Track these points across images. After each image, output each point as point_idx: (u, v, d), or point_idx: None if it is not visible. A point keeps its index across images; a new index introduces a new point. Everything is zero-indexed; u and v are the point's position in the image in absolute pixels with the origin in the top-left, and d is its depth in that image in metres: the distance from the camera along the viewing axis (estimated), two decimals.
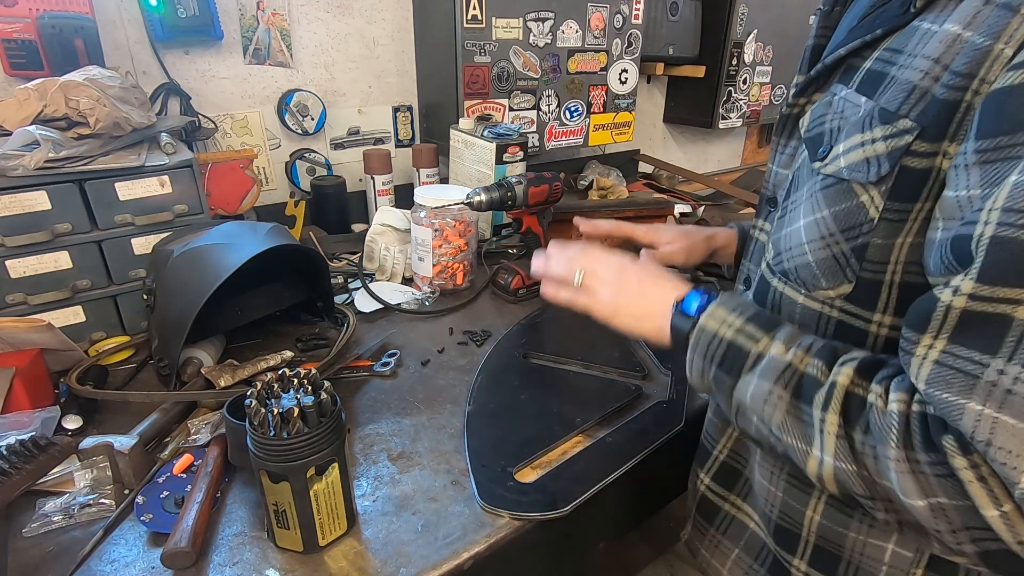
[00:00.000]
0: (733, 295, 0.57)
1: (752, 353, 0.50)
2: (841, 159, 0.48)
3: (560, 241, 0.72)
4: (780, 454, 0.50)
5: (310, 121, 1.39)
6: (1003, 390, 0.37)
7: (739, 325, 0.52)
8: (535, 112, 1.54)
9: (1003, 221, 0.37)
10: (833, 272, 0.50)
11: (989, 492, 0.38)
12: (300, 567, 0.58)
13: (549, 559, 0.71)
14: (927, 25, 0.45)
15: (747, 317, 0.53)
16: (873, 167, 0.46)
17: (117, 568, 0.58)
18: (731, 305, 0.54)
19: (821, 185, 0.50)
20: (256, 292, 0.98)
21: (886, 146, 0.45)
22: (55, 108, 0.86)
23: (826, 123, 0.52)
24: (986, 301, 0.37)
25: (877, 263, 0.48)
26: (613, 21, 1.56)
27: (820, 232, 0.50)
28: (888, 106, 0.45)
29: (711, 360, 0.53)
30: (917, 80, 0.44)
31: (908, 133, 0.44)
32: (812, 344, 0.49)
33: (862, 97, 0.49)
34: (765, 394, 0.49)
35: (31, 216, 0.82)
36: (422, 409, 0.82)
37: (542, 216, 1.15)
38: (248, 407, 0.55)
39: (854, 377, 0.45)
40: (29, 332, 0.77)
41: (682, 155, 2.35)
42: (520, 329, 1.03)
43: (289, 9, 1.30)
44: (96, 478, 0.65)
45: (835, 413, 0.45)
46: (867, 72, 0.49)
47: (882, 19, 0.49)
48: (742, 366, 0.51)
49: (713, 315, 0.54)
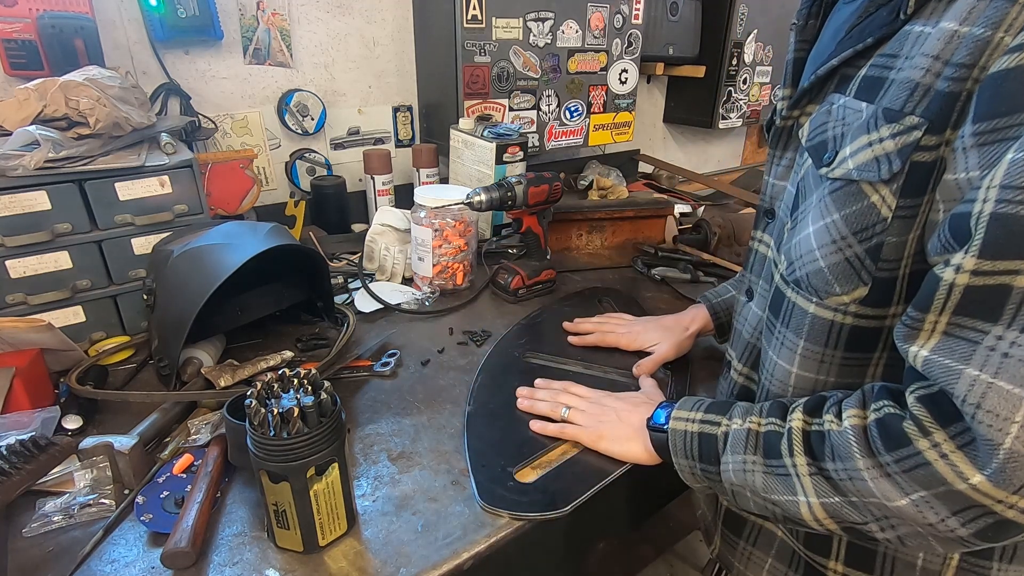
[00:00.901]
0: (689, 397, 0.64)
1: (719, 436, 0.57)
2: (849, 161, 0.48)
3: (544, 380, 0.84)
4: (782, 517, 0.53)
5: (310, 121, 1.39)
6: (1000, 354, 0.38)
7: (700, 417, 0.59)
8: (535, 112, 1.54)
9: (1001, 198, 0.37)
10: (847, 276, 0.50)
11: (953, 468, 0.40)
12: (300, 567, 0.58)
13: (549, 559, 0.71)
14: (919, 28, 0.45)
15: (704, 409, 0.60)
16: (884, 165, 0.46)
17: (117, 568, 0.58)
18: (689, 404, 0.62)
19: (829, 189, 0.50)
20: (256, 292, 0.98)
21: (895, 143, 0.45)
22: (55, 108, 0.86)
23: (828, 130, 0.52)
24: (987, 275, 0.38)
25: (892, 260, 0.48)
26: (613, 21, 1.56)
27: (831, 236, 0.50)
28: (892, 105, 0.45)
29: (692, 457, 0.59)
30: (919, 78, 0.44)
31: (916, 129, 0.44)
32: (763, 408, 0.55)
33: (862, 103, 0.49)
34: (741, 464, 0.54)
35: (31, 216, 0.82)
36: (422, 409, 0.82)
37: (542, 216, 1.15)
38: (248, 407, 0.55)
39: (805, 417, 0.50)
40: (29, 332, 0.77)
41: (682, 155, 2.35)
42: (520, 329, 1.03)
43: (289, 9, 1.30)
44: (96, 478, 0.65)
45: (801, 455, 0.49)
46: (864, 79, 0.49)
47: (871, 27, 0.49)
48: (717, 451, 0.57)
49: (677, 418, 0.62)
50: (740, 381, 0.68)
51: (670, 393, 0.87)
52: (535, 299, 1.16)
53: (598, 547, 0.79)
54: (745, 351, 0.67)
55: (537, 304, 1.13)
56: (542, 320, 1.07)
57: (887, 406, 0.45)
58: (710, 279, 1.24)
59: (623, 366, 0.92)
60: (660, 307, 1.14)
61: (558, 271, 1.22)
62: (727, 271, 1.29)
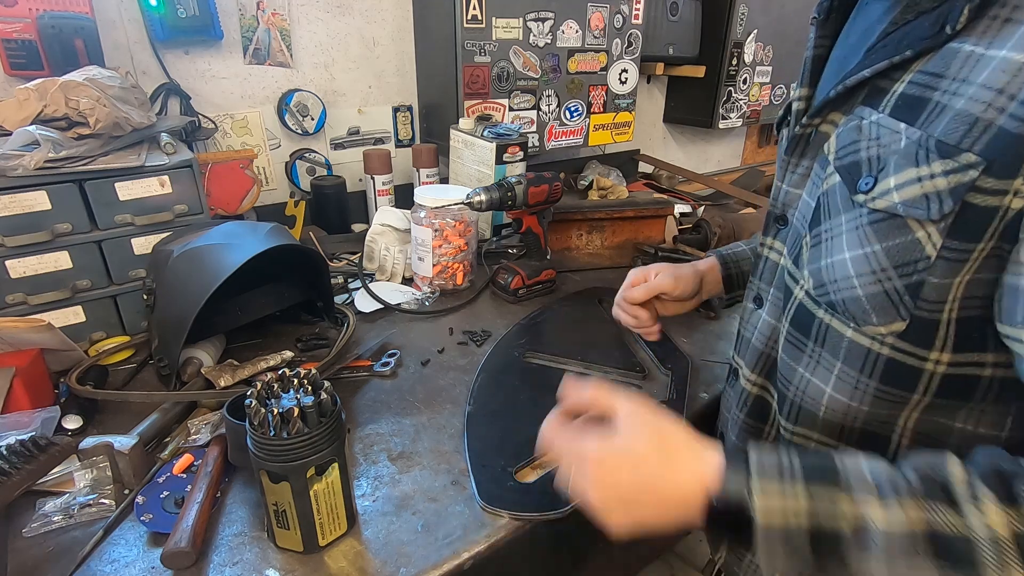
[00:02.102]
0: (762, 452, 0.44)
1: (844, 534, 0.40)
2: (894, 194, 0.45)
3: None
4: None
5: (310, 121, 1.39)
6: None
7: (805, 505, 0.41)
8: (535, 112, 1.54)
9: None
10: (885, 308, 0.47)
11: None
12: (300, 567, 0.58)
13: (549, 559, 0.71)
14: (970, 48, 0.42)
15: (805, 487, 0.42)
16: (934, 204, 0.43)
17: (117, 568, 0.58)
18: (774, 477, 0.42)
19: (869, 219, 0.47)
20: (256, 292, 0.98)
21: (947, 182, 0.42)
22: (55, 108, 0.86)
23: (861, 151, 0.48)
24: None
25: (934, 302, 0.45)
26: (613, 21, 1.56)
27: (871, 267, 0.47)
28: (947, 139, 0.42)
29: (798, 557, 0.42)
30: (979, 112, 0.40)
31: (973, 168, 0.40)
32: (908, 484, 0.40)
33: (900, 123, 0.45)
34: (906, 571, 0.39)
35: (31, 216, 0.82)
36: (422, 409, 0.82)
37: (542, 216, 1.15)
38: (248, 407, 0.55)
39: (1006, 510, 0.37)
40: (29, 332, 0.77)
41: (682, 155, 2.35)
42: (520, 329, 1.03)
43: (289, 9, 1.30)
44: (96, 478, 0.65)
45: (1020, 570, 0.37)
46: (902, 96, 0.46)
47: (911, 39, 0.45)
48: (843, 551, 0.41)
49: (768, 509, 0.41)
50: (753, 391, 0.66)
51: (670, 394, 0.86)
52: (535, 299, 1.16)
53: (598, 547, 0.79)
54: (758, 360, 0.65)
55: (537, 304, 1.13)
56: (542, 320, 1.07)
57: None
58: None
59: (623, 366, 0.92)
60: None
61: (558, 271, 1.22)
62: None
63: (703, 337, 1.03)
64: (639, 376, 0.90)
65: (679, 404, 0.84)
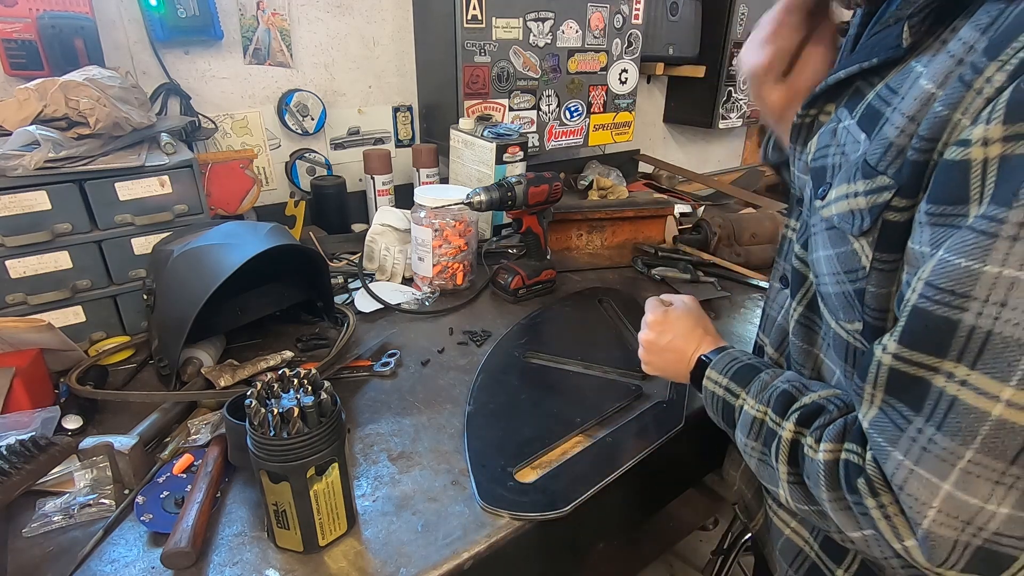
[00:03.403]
0: (726, 352, 0.65)
1: (736, 407, 0.59)
2: (832, 207, 0.49)
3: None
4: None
5: (310, 121, 1.39)
6: (920, 447, 0.40)
7: (724, 384, 0.61)
8: (535, 112, 1.54)
9: (923, 293, 0.39)
10: (846, 308, 0.50)
11: (893, 529, 0.43)
12: (300, 567, 0.58)
13: (549, 559, 0.71)
14: (919, 68, 0.44)
15: (730, 375, 0.61)
16: (857, 220, 0.46)
17: (117, 568, 0.58)
18: (721, 365, 0.63)
19: (824, 225, 0.50)
20: (256, 292, 0.98)
21: (867, 201, 0.45)
22: (55, 108, 0.86)
23: (828, 156, 0.51)
24: (908, 363, 0.40)
25: (876, 310, 0.47)
26: (613, 21, 1.56)
27: (833, 268, 0.50)
28: (870, 159, 0.45)
29: (717, 414, 0.63)
30: (893, 137, 0.43)
31: (887, 190, 0.43)
32: (772, 395, 0.56)
33: (862, 133, 0.47)
34: (743, 446, 0.57)
35: (31, 216, 0.82)
36: (422, 409, 0.82)
37: (542, 216, 1.15)
38: (248, 407, 0.55)
39: (795, 428, 0.51)
40: (29, 332, 0.77)
41: (682, 155, 2.35)
42: (520, 329, 1.03)
43: (289, 9, 1.30)
44: (96, 478, 0.65)
45: (784, 463, 0.52)
46: (868, 106, 0.48)
47: (880, 47, 0.47)
48: (733, 419, 0.59)
49: (709, 378, 0.64)
50: None
51: (670, 394, 0.87)
52: (535, 299, 1.16)
53: (598, 547, 0.79)
54: (782, 339, 0.66)
55: (537, 304, 1.13)
56: (542, 320, 1.07)
57: (853, 452, 0.46)
58: (710, 279, 1.24)
59: (623, 366, 0.92)
60: None
61: (558, 271, 1.22)
62: (727, 271, 1.29)
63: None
64: (639, 376, 0.90)
65: (679, 404, 0.84)
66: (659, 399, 0.85)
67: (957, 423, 0.38)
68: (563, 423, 0.78)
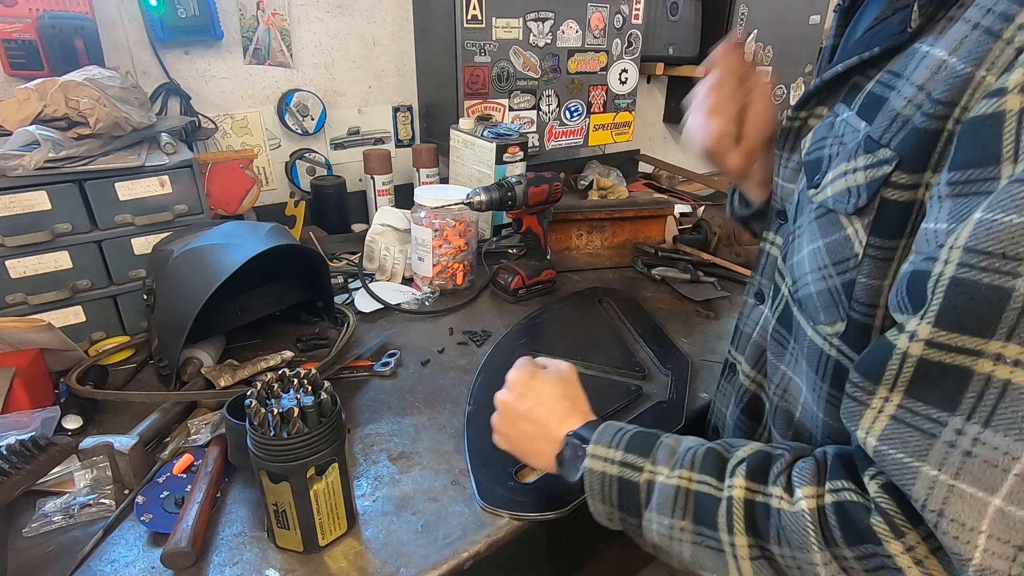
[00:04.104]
0: (611, 423, 0.56)
1: (641, 485, 0.49)
2: (828, 188, 0.46)
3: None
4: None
5: (310, 121, 1.39)
6: (961, 452, 0.33)
7: (619, 458, 0.51)
8: (535, 112, 1.54)
9: (964, 261, 0.33)
10: (828, 306, 0.47)
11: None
12: (300, 567, 0.58)
13: (549, 559, 0.71)
14: (925, 48, 0.42)
15: (625, 446, 0.52)
16: (852, 197, 0.43)
17: (117, 568, 0.58)
18: (608, 436, 0.53)
19: (815, 214, 0.48)
20: (256, 292, 0.98)
21: (865, 176, 0.43)
22: (55, 108, 0.86)
23: (825, 147, 0.49)
24: (944, 350, 0.34)
25: (865, 305, 0.44)
26: (613, 21, 1.56)
27: (817, 263, 0.48)
28: (873, 134, 0.43)
29: (610, 503, 0.52)
30: (900, 108, 0.41)
31: (887, 163, 0.41)
32: (694, 456, 0.48)
33: (862, 122, 0.45)
34: (668, 530, 0.47)
35: (31, 216, 0.82)
36: (422, 409, 0.82)
37: (542, 216, 1.15)
38: (248, 407, 0.55)
39: (747, 484, 0.43)
40: (29, 332, 0.77)
41: (682, 155, 2.34)
42: (520, 329, 1.03)
43: (289, 9, 1.30)
44: (96, 478, 0.65)
45: (742, 533, 0.43)
46: (868, 94, 0.46)
47: (881, 36, 0.46)
48: (639, 502, 0.49)
49: (595, 455, 0.53)
50: (751, 388, 0.65)
51: (670, 394, 0.87)
52: (535, 299, 1.16)
53: (598, 547, 0.79)
54: (759, 357, 0.64)
55: (537, 304, 1.13)
56: (542, 320, 1.07)
57: (847, 490, 0.39)
58: (710, 279, 1.24)
59: (623, 366, 0.92)
60: (660, 307, 1.14)
61: (558, 271, 1.22)
62: (727, 271, 1.29)
63: (703, 337, 1.03)
64: (639, 376, 0.90)
65: (679, 404, 0.84)
66: (659, 399, 0.85)
67: (1012, 413, 0.32)
68: None
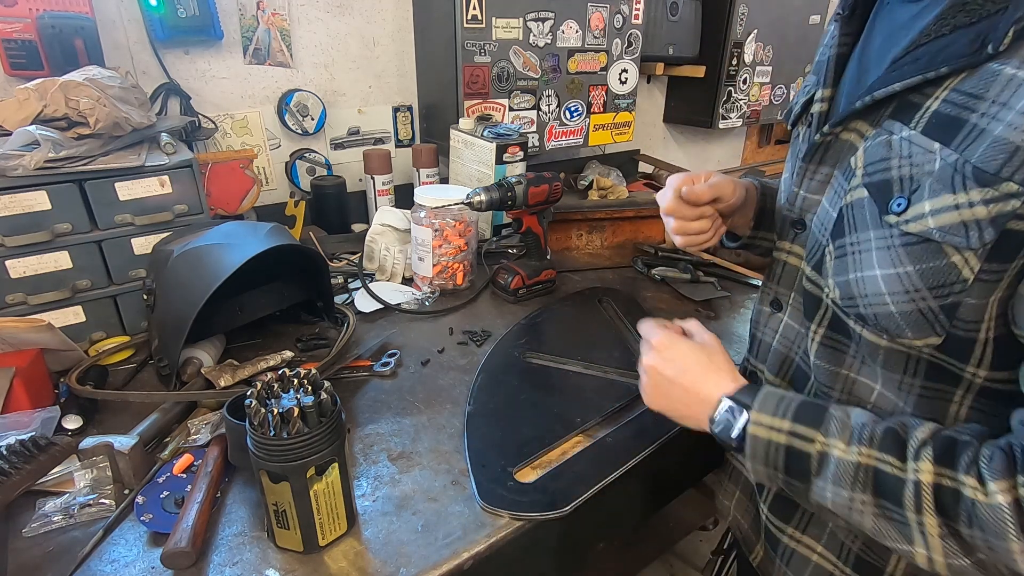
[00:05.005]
0: (772, 391, 0.55)
1: (813, 456, 0.50)
2: (930, 219, 0.44)
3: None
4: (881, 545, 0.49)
5: (310, 121, 1.39)
6: None
7: (788, 428, 0.51)
8: (535, 112, 1.54)
9: None
10: (919, 325, 0.47)
11: None
12: (300, 567, 0.58)
13: (549, 559, 0.71)
14: (1011, 71, 0.41)
15: (792, 417, 0.52)
16: (974, 232, 0.42)
17: (117, 568, 0.58)
18: (772, 405, 0.53)
19: (902, 241, 0.46)
20: (256, 292, 0.98)
21: (987, 211, 0.41)
22: (55, 108, 0.86)
23: (892, 169, 0.47)
24: None
25: (970, 322, 0.45)
26: (613, 21, 1.56)
27: (904, 287, 0.47)
28: (985, 166, 0.41)
29: (775, 467, 0.52)
30: (1019, 140, 0.40)
31: (1015, 198, 0.40)
32: (872, 435, 0.48)
33: (935, 143, 0.44)
34: (847, 502, 0.48)
35: (31, 216, 0.82)
36: (422, 409, 0.82)
37: (542, 216, 1.15)
38: (248, 407, 0.55)
39: (936, 469, 0.44)
40: (29, 332, 0.77)
41: (682, 155, 2.35)
42: (520, 329, 1.03)
43: (289, 9, 1.30)
44: (96, 478, 0.65)
45: (932, 515, 0.44)
46: (936, 115, 0.45)
47: (947, 55, 0.44)
48: (808, 470, 0.50)
49: (759, 423, 0.53)
50: None
51: None
52: (535, 299, 1.16)
53: (598, 547, 0.79)
54: (782, 364, 0.64)
55: (537, 304, 1.13)
56: (542, 320, 1.07)
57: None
58: (710, 279, 1.24)
59: (623, 366, 0.92)
60: (660, 307, 1.14)
61: (558, 271, 1.22)
62: (727, 271, 1.29)
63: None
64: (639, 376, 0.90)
65: None
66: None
67: None
68: (563, 423, 0.78)
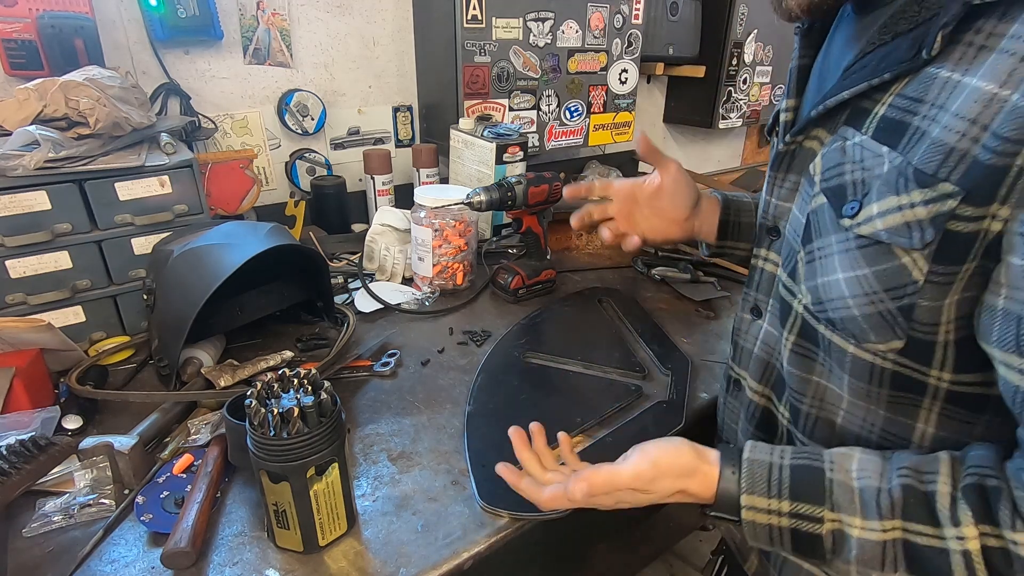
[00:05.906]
0: (755, 463, 0.52)
1: (824, 536, 0.47)
2: (877, 221, 0.45)
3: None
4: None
5: (310, 121, 1.39)
6: None
7: (788, 509, 0.49)
8: (535, 112, 1.54)
9: None
10: (881, 328, 0.47)
11: None
12: (300, 567, 0.58)
13: (549, 559, 0.71)
14: (946, 74, 0.42)
15: (790, 495, 0.49)
16: (916, 233, 0.43)
17: (117, 568, 0.58)
18: (763, 484, 0.50)
19: (857, 244, 0.47)
20: (256, 292, 0.98)
21: (927, 211, 0.42)
22: (55, 108, 0.86)
23: (845, 174, 0.49)
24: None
25: (928, 324, 0.45)
26: (613, 21, 1.56)
27: (863, 289, 0.47)
28: (924, 168, 0.42)
29: (780, 547, 0.50)
30: (954, 142, 0.41)
31: (951, 198, 0.41)
32: (891, 500, 0.45)
33: (882, 147, 0.46)
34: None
35: (31, 216, 0.82)
36: (422, 409, 0.82)
37: (542, 216, 1.15)
38: (248, 407, 0.55)
39: (981, 530, 0.41)
40: (29, 332, 0.77)
41: (682, 155, 2.35)
42: (520, 329, 1.03)
43: (289, 9, 1.30)
44: (96, 478, 0.65)
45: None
46: (883, 119, 0.46)
47: (889, 62, 0.46)
48: (822, 550, 0.48)
49: (753, 506, 0.50)
50: (760, 402, 0.65)
51: (670, 394, 0.87)
52: (535, 299, 1.16)
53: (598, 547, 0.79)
54: (763, 371, 0.64)
55: (537, 304, 1.13)
56: (542, 320, 1.07)
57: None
58: (710, 279, 1.24)
59: (623, 366, 0.92)
60: (660, 307, 1.14)
61: (558, 271, 1.22)
62: (727, 271, 1.29)
63: (703, 337, 1.03)
64: (639, 376, 0.90)
65: (679, 404, 0.84)
66: (659, 399, 0.85)
67: None
68: (563, 423, 0.78)
